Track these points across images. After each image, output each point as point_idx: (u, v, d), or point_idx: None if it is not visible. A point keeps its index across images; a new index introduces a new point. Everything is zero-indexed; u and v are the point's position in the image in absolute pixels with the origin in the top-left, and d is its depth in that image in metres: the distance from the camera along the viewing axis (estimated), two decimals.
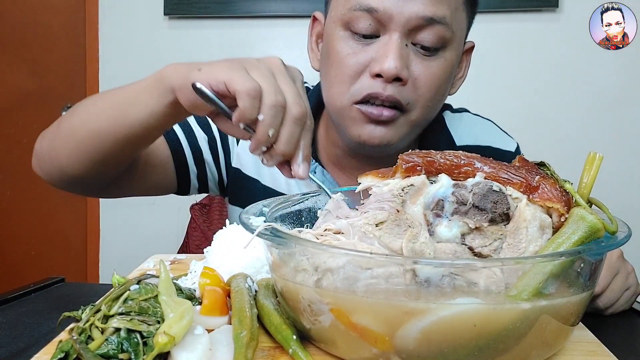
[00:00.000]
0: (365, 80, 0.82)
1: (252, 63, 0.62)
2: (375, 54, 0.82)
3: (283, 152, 0.62)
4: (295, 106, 0.61)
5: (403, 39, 0.81)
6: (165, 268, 0.52)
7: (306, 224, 0.65)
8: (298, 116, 0.61)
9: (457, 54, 0.87)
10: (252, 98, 0.59)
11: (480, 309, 0.44)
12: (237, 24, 2.29)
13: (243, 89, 0.59)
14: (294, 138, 0.62)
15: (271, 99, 0.59)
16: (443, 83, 0.86)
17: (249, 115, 0.59)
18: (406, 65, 0.81)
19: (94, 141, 0.76)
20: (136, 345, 0.47)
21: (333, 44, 0.86)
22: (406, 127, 0.86)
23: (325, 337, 0.50)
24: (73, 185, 0.86)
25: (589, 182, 0.54)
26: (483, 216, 0.51)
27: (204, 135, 0.98)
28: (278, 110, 0.60)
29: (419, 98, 0.84)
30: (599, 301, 0.72)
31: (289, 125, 0.61)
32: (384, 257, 0.48)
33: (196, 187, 1.01)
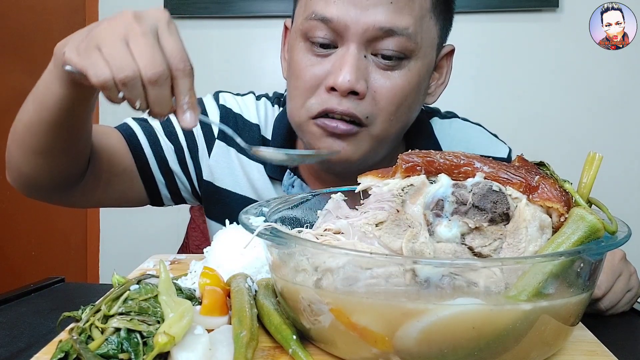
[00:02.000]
0: (321, 94, 0.80)
1: (102, 35, 0.61)
2: (332, 66, 0.79)
3: (159, 114, 0.63)
4: (148, 69, 0.59)
5: (361, 50, 0.78)
6: (165, 268, 0.52)
7: (306, 224, 0.65)
8: (153, 78, 0.59)
9: (425, 63, 0.83)
10: (106, 89, 0.60)
11: (480, 309, 0.44)
12: (237, 24, 2.29)
13: (95, 82, 0.60)
14: (161, 100, 0.61)
15: (120, 77, 0.59)
16: (408, 95, 0.82)
17: (112, 99, 0.62)
18: (364, 78, 0.78)
19: (29, 133, 0.77)
20: (136, 345, 0.47)
21: (293, 55, 0.83)
22: (368, 142, 0.82)
23: (325, 337, 0.50)
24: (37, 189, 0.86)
25: (589, 182, 0.54)
26: (483, 216, 0.51)
27: (170, 146, 0.95)
28: (133, 83, 0.59)
29: (379, 112, 0.80)
30: (601, 303, 0.72)
31: (149, 90, 0.60)
32: (384, 257, 0.48)
33: (168, 197, 0.99)
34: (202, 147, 0.96)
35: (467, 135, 1.02)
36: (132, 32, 0.61)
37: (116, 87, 0.60)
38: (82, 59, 0.61)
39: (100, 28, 0.62)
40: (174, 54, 0.62)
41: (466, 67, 2.21)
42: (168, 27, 0.63)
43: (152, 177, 0.95)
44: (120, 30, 0.61)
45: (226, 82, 2.24)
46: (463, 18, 2.22)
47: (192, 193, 1.00)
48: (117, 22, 0.62)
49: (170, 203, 1.01)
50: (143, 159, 0.94)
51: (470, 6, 2.19)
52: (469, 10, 2.19)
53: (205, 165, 0.97)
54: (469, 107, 1.94)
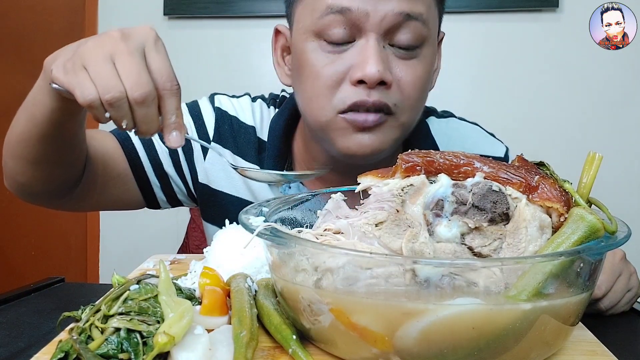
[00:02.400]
0: (347, 89, 0.79)
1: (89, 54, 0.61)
2: (354, 60, 0.78)
3: (145, 133, 0.63)
4: (135, 90, 0.59)
5: (380, 41, 0.78)
6: (165, 268, 0.52)
7: (306, 224, 0.65)
8: (140, 99, 0.60)
9: (433, 50, 0.85)
10: (93, 108, 0.60)
11: (480, 309, 0.44)
12: (237, 24, 2.29)
13: (82, 102, 0.60)
14: (148, 118, 0.62)
15: (106, 98, 0.59)
16: (426, 81, 0.84)
17: (98, 119, 0.62)
18: (389, 68, 0.78)
19: (21, 145, 0.77)
20: (136, 345, 0.47)
21: (306, 57, 0.82)
22: (395, 130, 0.83)
23: (325, 337, 0.50)
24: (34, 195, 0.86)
25: (589, 182, 0.54)
26: (483, 216, 0.51)
27: (165, 149, 0.95)
28: (119, 104, 0.60)
29: (406, 100, 0.81)
30: (601, 303, 0.72)
31: (137, 110, 0.61)
32: (384, 257, 0.48)
33: (164, 200, 0.99)
34: (197, 150, 0.96)
35: (463, 134, 1.02)
36: (119, 51, 0.61)
37: (103, 107, 0.60)
38: (69, 77, 0.61)
39: (86, 46, 0.62)
40: (161, 73, 0.62)
41: (466, 67, 2.21)
42: (155, 45, 0.63)
43: (148, 180, 0.95)
44: (106, 48, 0.61)
45: (226, 82, 2.25)
46: (463, 18, 2.22)
47: (188, 195, 1.00)
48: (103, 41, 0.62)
49: (166, 206, 1.01)
50: (138, 162, 0.94)
51: (470, 6, 2.19)
52: (469, 10, 2.19)
53: (200, 168, 0.96)
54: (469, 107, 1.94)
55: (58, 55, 0.66)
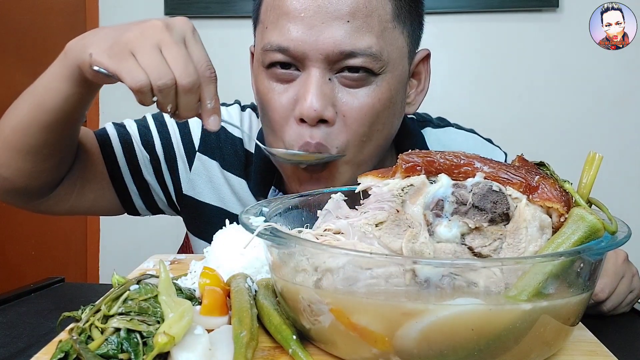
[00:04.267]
0: (293, 128, 0.76)
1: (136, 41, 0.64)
2: (296, 94, 0.75)
3: (185, 117, 0.68)
4: (183, 77, 0.64)
5: (324, 74, 0.74)
6: (165, 268, 0.52)
7: (306, 224, 0.65)
8: (188, 87, 0.65)
9: (395, 76, 0.77)
10: (142, 93, 0.64)
11: (480, 309, 0.44)
12: (237, 24, 2.29)
13: (132, 86, 0.64)
14: (190, 104, 0.67)
15: (158, 84, 0.63)
16: (380, 112, 0.76)
17: (144, 102, 0.66)
18: (331, 103, 0.74)
19: (19, 134, 0.76)
20: (136, 345, 0.47)
21: (257, 86, 0.80)
22: (348, 171, 0.78)
23: (325, 337, 0.50)
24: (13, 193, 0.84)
25: (589, 182, 0.54)
26: (483, 216, 0.51)
27: (146, 155, 0.92)
28: (167, 90, 0.64)
29: (352, 137, 0.76)
30: (604, 306, 0.72)
31: (182, 96, 0.65)
32: (384, 257, 0.48)
33: (143, 208, 0.96)
34: (181, 160, 0.93)
35: (461, 143, 0.98)
36: (165, 41, 0.65)
37: (151, 92, 0.64)
38: (115, 62, 0.64)
39: (131, 33, 0.65)
40: (201, 62, 0.67)
41: (466, 67, 2.21)
42: (194, 36, 0.68)
43: (125, 185, 0.92)
44: (153, 37, 0.65)
45: (226, 82, 2.24)
46: (463, 18, 2.22)
47: (169, 205, 0.97)
48: (148, 29, 0.65)
49: (147, 213, 0.98)
50: (115, 165, 0.91)
51: (470, 6, 2.19)
52: (469, 10, 2.19)
53: (185, 178, 0.93)
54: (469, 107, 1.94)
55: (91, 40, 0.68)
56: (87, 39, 0.69)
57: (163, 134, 0.93)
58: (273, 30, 0.75)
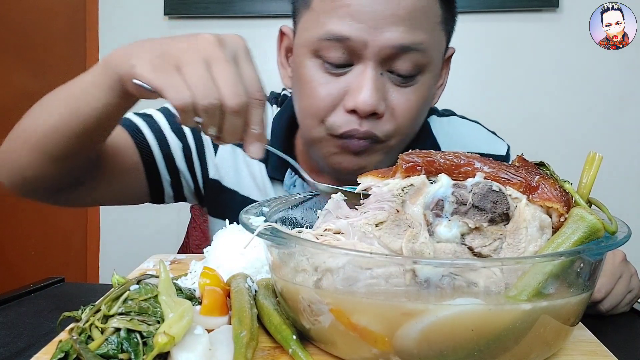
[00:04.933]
0: (340, 115, 0.79)
1: (184, 55, 0.59)
2: (349, 85, 0.77)
3: (228, 141, 0.62)
4: (231, 98, 0.59)
5: (378, 69, 0.77)
6: (165, 268, 0.52)
7: (306, 224, 0.65)
8: (236, 109, 0.59)
9: (434, 75, 0.83)
10: (185, 112, 0.59)
11: (480, 309, 0.44)
12: (237, 24, 2.29)
13: (175, 104, 0.58)
14: (236, 128, 0.61)
15: (204, 103, 0.58)
16: (422, 108, 0.83)
17: (187, 124, 0.60)
18: (382, 98, 0.78)
19: (51, 139, 0.74)
20: (136, 345, 0.47)
21: (303, 72, 0.81)
22: (382, 154, 0.83)
23: (325, 337, 0.50)
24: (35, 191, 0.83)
25: (589, 182, 0.54)
26: (483, 216, 0.51)
27: (178, 142, 0.94)
28: (213, 111, 0.59)
29: (397, 128, 0.81)
30: (601, 305, 0.72)
31: (228, 119, 0.60)
32: (384, 257, 0.48)
33: (171, 195, 0.97)
34: (208, 145, 0.95)
35: (465, 132, 1.02)
36: (216, 57, 0.59)
37: (194, 111, 0.59)
38: (159, 76, 0.59)
39: (179, 46, 0.60)
40: (252, 83, 0.61)
41: (466, 67, 2.21)
42: (246, 54, 0.63)
43: (158, 174, 0.94)
44: (202, 52, 0.60)
45: None
46: (463, 18, 2.21)
47: (195, 192, 0.99)
48: (198, 43, 0.60)
49: (170, 201, 0.99)
50: (150, 156, 0.92)
51: (470, 6, 2.19)
52: (469, 10, 2.19)
53: (211, 163, 0.96)
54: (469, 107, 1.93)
55: (135, 51, 0.63)
56: (132, 49, 0.64)
57: None
58: (331, 19, 0.77)
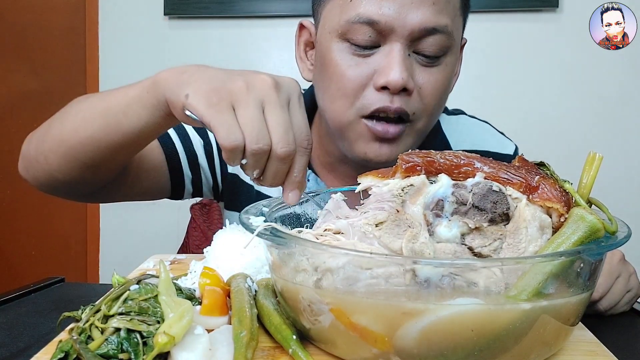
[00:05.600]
0: (371, 94, 0.80)
1: (240, 93, 0.58)
2: (378, 65, 0.80)
3: (270, 186, 0.61)
4: (281, 146, 0.58)
5: (406, 49, 0.80)
6: (165, 268, 0.52)
7: (306, 224, 0.65)
8: (283, 156, 0.58)
9: (455, 58, 0.87)
10: (233, 153, 0.57)
11: (480, 309, 0.44)
12: (237, 24, 2.29)
13: (225, 144, 0.57)
14: (279, 174, 0.60)
15: (253, 147, 0.57)
16: (447, 88, 0.86)
17: (231, 163, 0.59)
18: (412, 75, 0.80)
19: (86, 148, 0.74)
20: (136, 345, 0.47)
21: (331, 56, 0.83)
22: (412, 138, 0.85)
23: (325, 337, 0.50)
24: (61, 190, 0.84)
25: (589, 182, 0.54)
26: (483, 216, 0.51)
27: (200, 140, 0.96)
28: (261, 156, 0.58)
29: (425, 107, 0.83)
30: (599, 305, 0.72)
31: (273, 164, 0.59)
32: (384, 257, 0.48)
33: (190, 192, 1.00)
34: None
35: (474, 131, 1.03)
36: (271, 101, 0.59)
37: (242, 153, 0.58)
38: (212, 112, 0.58)
39: (236, 84, 0.59)
40: (302, 131, 0.60)
41: (466, 67, 2.20)
42: (299, 100, 0.62)
43: (181, 171, 0.96)
44: (259, 94, 0.59)
45: None
46: None
47: (212, 188, 1.01)
48: (256, 83, 0.59)
49: (188, 197, 1.02)
50: (174, 153, 0.94)
51: (470, 6, 2.19)
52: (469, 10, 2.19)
53: None
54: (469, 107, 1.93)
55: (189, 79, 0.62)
56: (187, 76, 0.62)
57: None
58: (360, 2, 0.79)
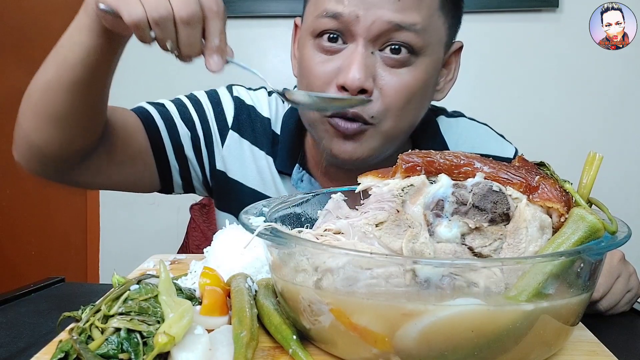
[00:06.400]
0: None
1: None
2: (341, 64, 0.80)
3: (187, 55, 0.64)
4: (182, 8, 0.61)
5: (369, 47, 0.79)
6: (165, 268, 0.52)
7: (306, 224, 0.65)
8: (186, 18, 0.61)
9: (433, 60, 0.84)
10: (139, 28, 0.61)
11: (480, 310, 0.44)
12: (237, 24, 2.28)
13: (128, 22, 0.61)
14: (191, 40, 0.63)
15: (154, 16, 0.60)
16: (417, 92, 0.83)
17: (143, 39, 0.63)
18: (371, 75, 0.79)
19: (47, 96, 0.75)
20: (136, 345, 0.47)
21: (303, 53, 0.85)
22: (377, 139, 0.83)
23: (325, 338, 0.50)
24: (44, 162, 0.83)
25: (589, 182, 0.54)
26: (483, 216, 0.51)
27: (187, 132, 0.96)
28: (165, 23, 0.61)
29: (387, 108, 0.81)
30: (600, 305, 0.72)
31: (181, 30, 0.62)
32: (384, 257, 0.48)
33: (180, 184, 0.99)
34: (216, 136, 0.97)
35: (473, 134, 1.02)
36: None
37: (149, 26, 0.61)
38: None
39: None
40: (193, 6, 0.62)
41: (466, 67, 2.20)
42: None
43: (167, 161, 0.95)
44: None
45: (226, 82, 2.25)
46: (462, 18, 2.22)
47: (203, 183, 1.00)
48: None
49: (180, 191, 1.01)
50: (159, 141, 0.94)
51: (470, 6, 2.18)
52: (469, 10, 2.18)
53: (218, 155, 0.97)
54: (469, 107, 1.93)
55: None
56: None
57: (200, 111, 0.97)
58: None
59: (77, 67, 0.72)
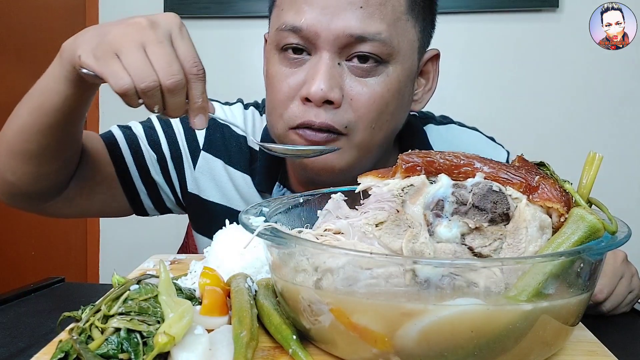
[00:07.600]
0: (297, 106, 0.78)
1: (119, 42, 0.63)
2: (305, 75, 0.77)
3: (173, 116, 0.67)
4: (167, 78, 0.63)
5: (334, 58, 0.76)
6: (165, 268, 0.52)
7: (306, 224, 0.65)
8: (171, 87, 0.63)
9: (405, 68, 0.80)
10: (127, 96, 0.63)
11: (480, 310, 0.44)
12: (237, 24, 2.29)
13: (116, 90, 0.63)
14: (177, 104, 0.65)
15: (141, 86, 0.62)
16: (389, 102, 0.79)
17: (131, 105, 0.64)
18: (338, 86, 0.76)
19: (21, 137, 0.77)
20: (136, 345, 0.47)
21: (268, 68, 0.83)
22: (350, 150, 0.79)
23: (325, 337, 0.50)
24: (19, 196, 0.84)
25: (589, 182, 0.54)
26: (483, 216, 0.51)
27: (153, 154, 0.93)
28: (152, 92, 0.63)
29: (359, 119, 0.78)
30: (603, 306, 0.72)
31: (167, 97, 0.64)
32: (384, 257, 0.48)
33: (151, 207, 0.97)
34: (186, 158, 0.94)
35: (464, 140, 0.99)
36: (149, 40, 0.64)
37: (137, 94, 0.63)
38: (101, 65, 0.64)
39: (115, 33, 0.64)
40: (188, 59, 0.65)
41: (465, 67, 2.21)
42: (180, 32, 0.66)
43: (133, 185, 0.93)
44: (136, 37, 0.64)
45: (225, 83, 2.24)
46: (462, 18, 2.22)
47: (177, 204, 0.98)
48: (132, 28, 0.64)
49: (155, 213, 0.99)
50: (123, 166, 0.92)
51: (470, 6, 2.19)
52: (469, 10, 2.19)
53: (190, 177, 0.95)
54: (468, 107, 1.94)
55: (80, 41, 0.67)
56: (77, 39, 0.68)
57: (168, 133, 0.95)
58: (289, 11, 0.77)
59: (52, 113, 0.73)
